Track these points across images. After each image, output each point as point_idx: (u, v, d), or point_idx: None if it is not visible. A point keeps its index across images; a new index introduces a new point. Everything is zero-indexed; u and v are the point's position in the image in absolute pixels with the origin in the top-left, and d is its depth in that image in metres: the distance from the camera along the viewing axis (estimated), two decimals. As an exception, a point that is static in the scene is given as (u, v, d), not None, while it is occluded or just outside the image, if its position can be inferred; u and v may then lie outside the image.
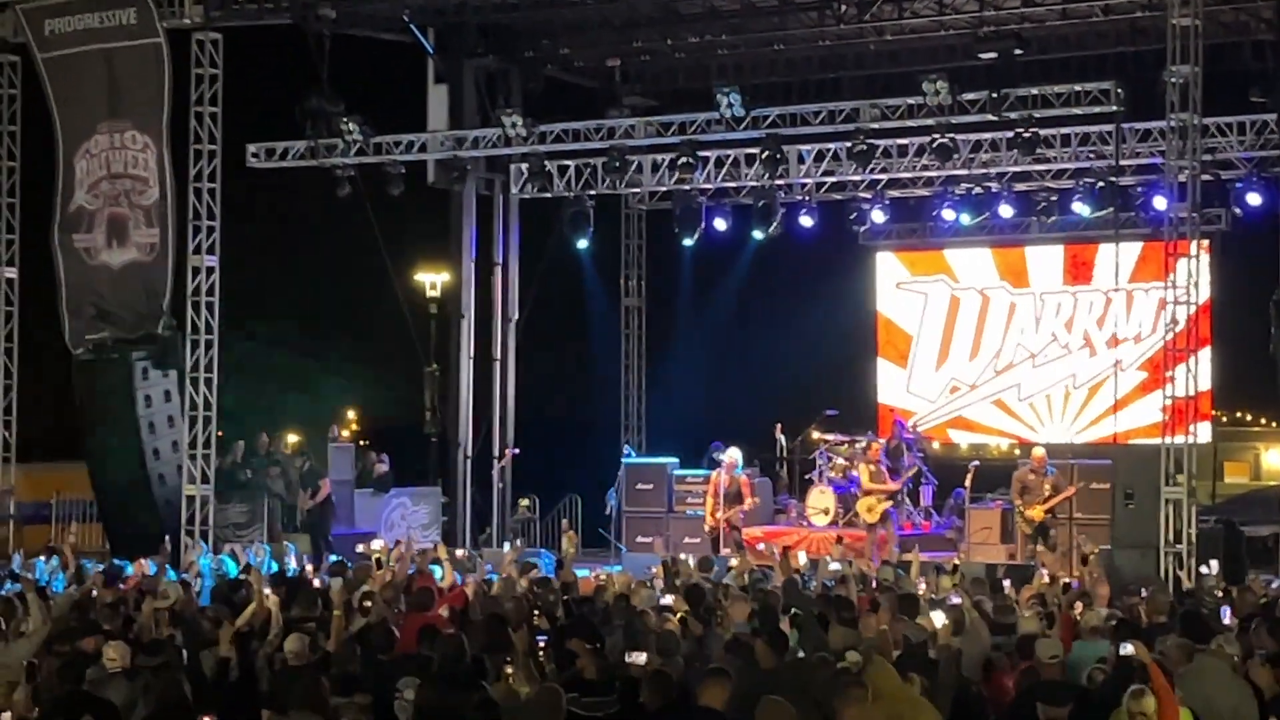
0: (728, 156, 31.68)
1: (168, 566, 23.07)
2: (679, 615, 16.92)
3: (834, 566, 22.25)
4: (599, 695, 12.79)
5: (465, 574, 21.81)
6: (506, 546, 24.62)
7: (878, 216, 33.40)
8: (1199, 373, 26.31)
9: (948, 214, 32.16)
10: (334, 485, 30.77)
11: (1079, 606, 16.76)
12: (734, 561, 22.92)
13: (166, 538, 25.83)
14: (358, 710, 12.14)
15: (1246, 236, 30.72)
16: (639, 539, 31.43)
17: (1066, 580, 20.11)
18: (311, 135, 30.54)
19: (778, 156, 29.29)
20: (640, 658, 13.35)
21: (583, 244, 33.10)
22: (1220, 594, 20.19)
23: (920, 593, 19.11)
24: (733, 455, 28.55)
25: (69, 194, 30.49)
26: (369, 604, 17.60)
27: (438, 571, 21.35)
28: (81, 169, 30.36)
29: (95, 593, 19.76)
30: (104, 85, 30.07)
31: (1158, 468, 24.75)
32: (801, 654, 14.60)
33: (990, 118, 27.65)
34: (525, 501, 33.33)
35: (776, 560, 22.47)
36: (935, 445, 34.03)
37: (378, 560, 21.68)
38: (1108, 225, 30.61)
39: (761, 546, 25.42)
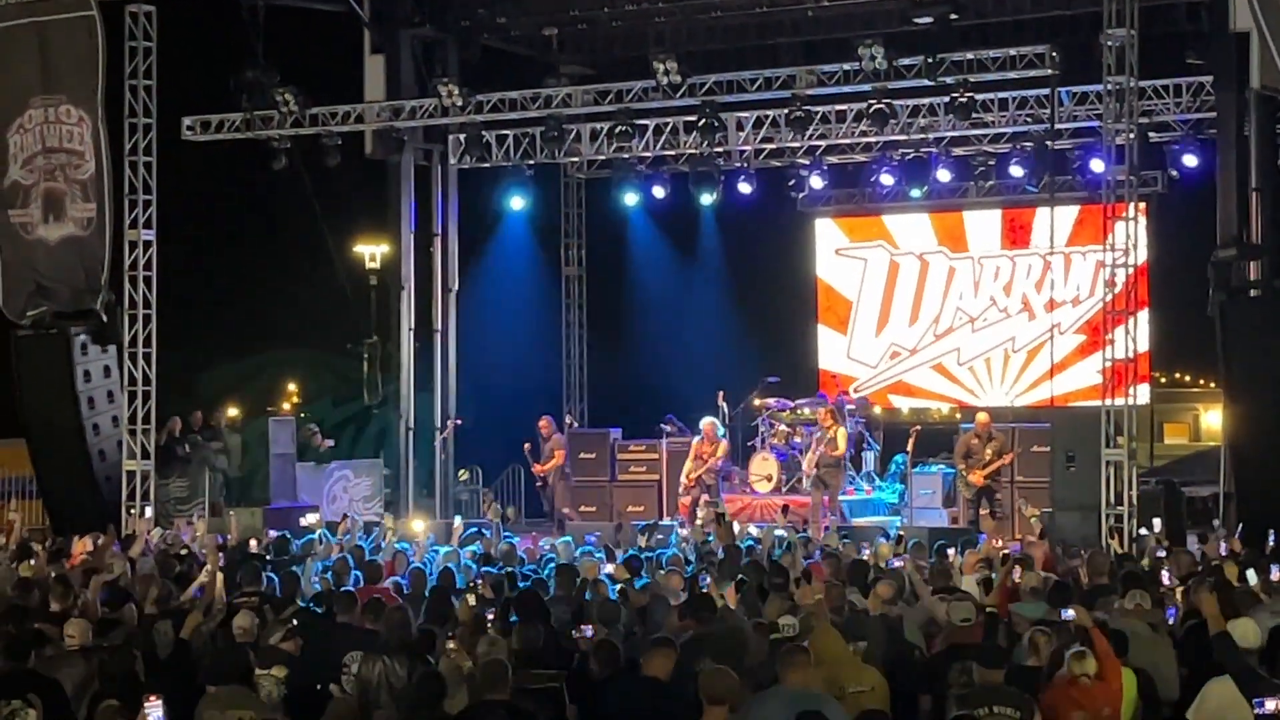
0: (666, 124, 31.58)
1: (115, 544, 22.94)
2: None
3: (779, 533, 22.34)
4: (544, 666, 12.82)
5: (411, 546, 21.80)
6: (457, 520, 24.52)
7: (816, 183, 33.33)
8: (1138, 335, 26.47)
9: (886, 179, 32.17)
10: (275, 459, 30.71)
11: (1018, 570, 16.83)
12: (684, 531, 23.00)
13: (110, 525, 25.64)
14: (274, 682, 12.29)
15: (1184, 198, 30.84)
16: (582, 508, 31.47)
17: (1006, 551, 20.15)
18: (247, 107, 30.39)
19: (715, 124, 29.24)
20: (588, 631, 13.42)
21: (519, 203, 33.01)
22: (1162, 555, 20.36)
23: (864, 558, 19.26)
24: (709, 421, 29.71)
25: (2, 170, 30.20)
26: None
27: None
28: (15, 144, 30.09)
29: (33, 563, 19.64)
30: (37, 59, 29.79)
31: (1098, 430, 24.92)
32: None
33: (926, 83, 27.70)
34: (465, 474, 33.24)
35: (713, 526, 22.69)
36: (877, 410, 34.05)
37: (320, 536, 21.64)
38: (1045, 189, 30.71)
39: (701, 515, 25.47)
